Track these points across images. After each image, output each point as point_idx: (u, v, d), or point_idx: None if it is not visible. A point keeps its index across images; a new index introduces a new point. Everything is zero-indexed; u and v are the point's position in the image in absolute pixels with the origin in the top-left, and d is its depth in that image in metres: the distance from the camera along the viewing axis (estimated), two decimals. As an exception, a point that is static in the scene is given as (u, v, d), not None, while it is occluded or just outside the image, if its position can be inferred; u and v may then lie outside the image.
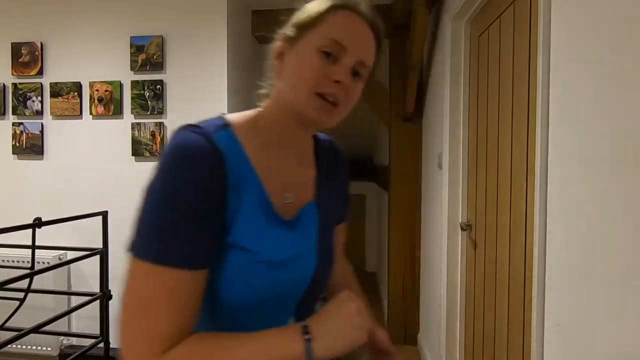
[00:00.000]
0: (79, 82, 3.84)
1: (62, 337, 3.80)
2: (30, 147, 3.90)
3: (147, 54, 3.71)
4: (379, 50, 1.03)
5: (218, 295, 0.92)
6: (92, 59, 3.84)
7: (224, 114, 1.05)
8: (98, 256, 3.12)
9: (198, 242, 0.85)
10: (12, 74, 3.93)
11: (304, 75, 0.94)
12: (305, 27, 0.97)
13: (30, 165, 3.94)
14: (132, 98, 3.75)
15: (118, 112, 3.77)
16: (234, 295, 0.92)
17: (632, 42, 1.06)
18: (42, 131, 3.89)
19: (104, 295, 3.15)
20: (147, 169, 3.73)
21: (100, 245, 3.14)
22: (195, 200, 0.84)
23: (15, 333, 2.47)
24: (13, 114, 3.95)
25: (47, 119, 3.91)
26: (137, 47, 3.72)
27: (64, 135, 3.89)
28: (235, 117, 1.04)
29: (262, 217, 0.96)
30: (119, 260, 3.72)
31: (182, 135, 0.89)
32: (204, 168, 0.86)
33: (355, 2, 1.00)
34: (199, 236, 0.85)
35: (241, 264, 0.91)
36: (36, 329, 2.60)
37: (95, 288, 3.26)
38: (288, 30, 1.00)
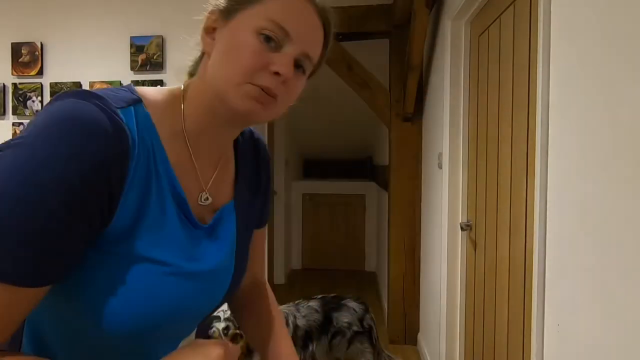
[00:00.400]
0: (79, 82, 3.85)
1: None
2: (30, 147, 3.90)
3: (147, 54, 3.72)
4: (326, 45, 0.88)
5: (93, 324, 0.71)
6: (92, 58, 3.85)
7: (134, 86, 0.83)
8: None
9: (56, 252, 0.63)
10: (12, 74, 3.94)
11: (238, 59, 0.76)
12: (242, 1, 0.79)
13: (30, 165, 3.94)
14: (132, 98, 3.74)
15: (118, 112, 3.77)
16: (123, 321, 0.71)
17: (632, 42, 1.06)
18: (42, 131, 3.89)
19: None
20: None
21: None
22: (71, 191, 0.62)
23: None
24: (13, 114, 3.96)
25: (47, 119, 3.90)
26: (137, 47, 3.73)
27: (64, 136, 3.88)
28: (149, 92, 0.83)
29: (176, 220, 0.79)
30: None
31: (66, 104, 0.66)
32: (94, 148, 0.64)
33: None
34: (59, 244, 0.63)
35: (143, 280, 0.73)
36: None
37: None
38: (223, 3, 0.82)
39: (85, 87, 3.82)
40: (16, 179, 0.60)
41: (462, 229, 2.85)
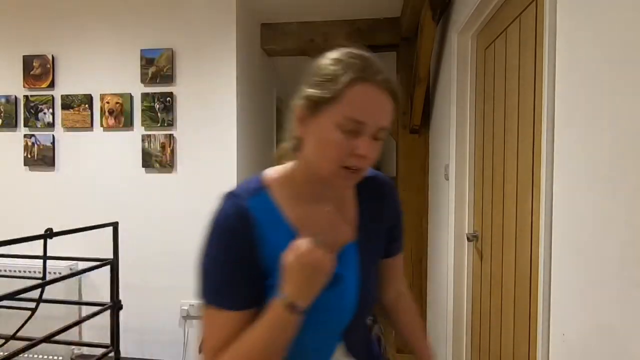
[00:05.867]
0: (90, 95, 3.90)
1: (73, 347, 3.83)
2: (41, 158, 3.95)
3: (158, 67, 3.76)
4: (397, 105, 1.06)
5: None
6: (103, 71, 3.89)
7: (263, 171, 1.18)
8: (109, 266, 3.15)
9: (239, 291, 1.05)
10: (24, 87, 3.99)
11: (327, 152, 1.01)
12: (325, 101, 1.00)
13: (41, 176, 3.99)
14: (143, 110, 3.79)
15: (128, 124, 3.82)
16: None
17: (637, 54, 1.08)
18: (53, 143, 3.94)
19: (115, 305, 3.17)
20: (157, 181, 3.78)
21: (110, 255, 3.16)
22: (233, 262, 1.05)
23: (27, 342, 2.49)
24: (25, 126, 4.00)
25: (59, 131, 3.96)
26: (148, 60, 3.77)
27: (75, 147, 3.94)
28: (272, 173, 1.16)
29: None
30: (130, 270, 3.76)
31: (224, 203, 1.10)
32: (238, 236, 1.05)
33: (372, 70, 1.01)
34: (239, 287, 1.05)
35: None
36: (47, 339, 2.62)
37: (106, 298, 3.28)
38: (308, 102, 1.04)
39: (96, 99, 3.90)
40: (208, 263, 1.08)
41: (468, 239, 2.86)
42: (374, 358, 1.33)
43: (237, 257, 1.05)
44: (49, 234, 2.58)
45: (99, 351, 3.19)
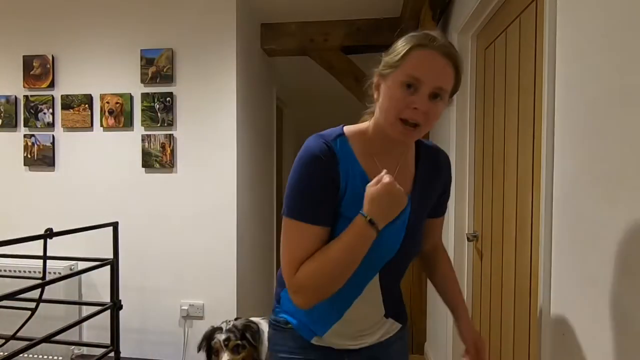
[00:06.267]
0: (90, 95, 3.90)
1: (73, 347, 3.83)
2: (41, 158, 3.96)
3: (157, 67, 3.76)
4: (458, 72, 1.26)
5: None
6: (103, 71, 3.90)
7: (344, 125, 1.41)
8: (109, 266, 3.15)
9: (320, 209, 1.29)
10: (24, 87, 4.00)
11: (390, 105, 1.24)
12: (392, 66, 1.25)
13: (41, 176, 4.00)
14: (143, 110, 3.79)
15: (128, 124, 3.82)
16: None
17: (637, 54, 1.08)
18: (53, 143, 3.95)
19: (115, 305, 3.17)
20: (157, 180, 3.78)
21: (111, 255, 3.17)
22: (318, 184, 1.28)
23: (27, 342, 2.49)
24: (24, 126, 4.01)
25: (58, 131, 3.96)
26: (148, 59, 3.78)
27: (75, 147, 3.94)
28: (350, 128, 1.40)
29: (364, 198, 1.25)
30: (130, 270, 3.77)
31: (313, 140, 1.33)
32: (324, 164, 1.28)
33: (430, 38, 1.22)
34: (321, 206, 1.29)
35: (344, 226, 1.27)
36: (47, 339, 2.62)
37: (106, 298, 3.29)
38: (381, 68, 1.29)
39: (96, 99, 3.90)
40: (297, 184, 1.30)
41: (468, 239, 2.86)
42: (402, 314, 1.57)
43: (322, 181, 1.28)
44: (49, 234, 2.58)
45: (99, 351, 3.19)
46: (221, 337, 2.66)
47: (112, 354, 3.20)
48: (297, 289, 1.30)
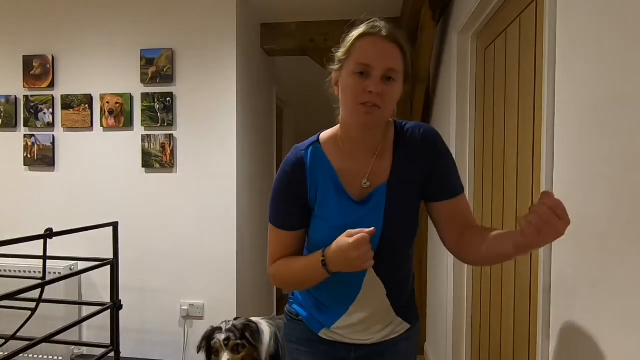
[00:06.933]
0: (90, 95, 3.90)
1: (73, 347, 3.83)
2: (41, 158, 3.96)
3: (157, 67, 3.77)
4: (405, 53, 1.35)
5: (312, 241, 1.49)
6: (103, 71, 3.90)
7: (321, 131, 1.53)
8: (109, 266, 3.15)
9: (290, 216, 1.48)
10: (24, 87, 4.00)
11: (348, 94, 1.32)
12: (343, 59, 1.36)
13: (41, 176, 4.00)
14: (142, 110, 3.80)
15: (128, 124, 3.83)
16: (318, 243, 1.41)
17: (637, 54, 1.08)
18: (53, 143, 3.95)
19: (115, 305, 3.17)
20: (157, 180, 3.78)
21: (111, 255, 3.17)
22: (284, 197, 1.47)
23: (27, 342, 2.49)
24: (25, 125, 4.01)
25: (58, 131, 3.97)
26: (148, 59, 3.78)
27: (74, 147, 3.94)
28: (326, 132, 1.52)
29: (334, 196, 1.42)
30: (130, 270, 3.77)
31: (289, 153, 1.49)
32: (290, 178, 1.45)
33: (371, 27, 1.34)
34: (290, 213, 1.47)
35: (319, 226, 1.45)
36: (47, 339, 2.62)
37: (106, 298, 3.29)
38: (334, 64, 1.40)
39: (96, 99, 3.90)
40: (273, 194, 1.50)
41: (468, 239, 2.86)
42: (412, 314, 1.62)
43: (289, 193, 1.46)
44: (49, 234, 2.58)
45: (99, 351, 3.19)
46: (221, 336, 2.66)
47: (112, 354, 3.20)
48: (271, 277, 1.54)
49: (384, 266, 1.45)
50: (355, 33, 1.35)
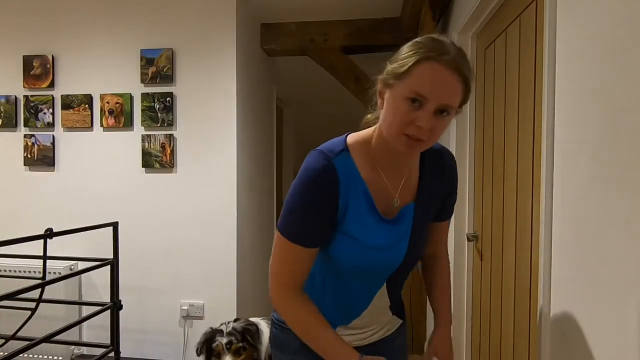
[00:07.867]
0: (90, 95, 3.90)
1: (73, 347, 3.83)
2: (41, 158, 3.95)
3: (157, 67, 3.76)
4: (467, 86, 1.17)
5: (334, 260, 1.35)
6: (103, 71, 3.90)
7: (348, 133, 1.38)
8: (109, 266, 3.15)
9: (315, 232, 1.29)
10: (24, 87, 4.00)
11: (394, 119, 1.17)
12: (397, 77, 1.16)
13: (41, 176, 4.00)
14: (143, 110, 3.79)
15: (128, 124, 3.82)
16: (344, 263, 1.34)
17: (637, 54, 1.08)
18: (53, 143, 3.95)
19: (115, 305, 3.17)
20: (157, 180, 3.78)
21: (110, 255, 3.17)
22: (314, 211, 1.27)
23: (27, 342, 2.49)
24: (25, 125, 4.01)
25: (58, 131, 3.96)
26: (148, 59, 3.78)
27: (74, 147, 3.94)
28: (354, 138, 1.36)
29: (367, 215, 1.31)
30: (130, 270, 3.77)
31: (313, 158, 1.29)
32: (322, 186, 1.26)
33: (440, 51, 1.13)
34: (314, 229, 1.29)
35: (349, 246, 1.32)
36: (47, 339, 2.62)
37: (106, 298, 3.29)
38: (385, 76, 1.22)
39: (96, 99, 3.90)
40: (294, 205, 1.28)
41: (468, 239, 2.86)
42: (402, 310, 1.62)
43: (320, 207, 1.27)
44: (49, 234, 2.58)
45: (99, 351, 3.19)
46: (223, 340, 2.67)
47: (112, 354, 3.20)
48: (276, 306, 1.38)
49: (395, 284, 1.46)
50: (418, 53, 1.14)
